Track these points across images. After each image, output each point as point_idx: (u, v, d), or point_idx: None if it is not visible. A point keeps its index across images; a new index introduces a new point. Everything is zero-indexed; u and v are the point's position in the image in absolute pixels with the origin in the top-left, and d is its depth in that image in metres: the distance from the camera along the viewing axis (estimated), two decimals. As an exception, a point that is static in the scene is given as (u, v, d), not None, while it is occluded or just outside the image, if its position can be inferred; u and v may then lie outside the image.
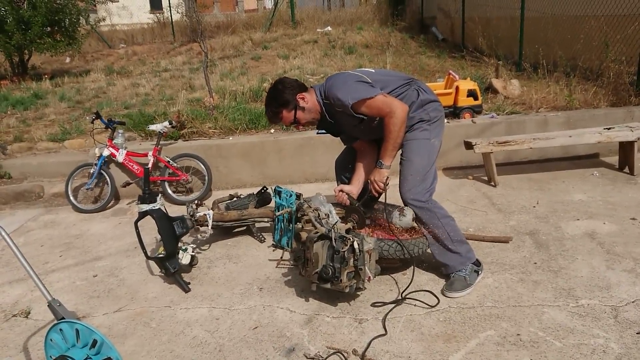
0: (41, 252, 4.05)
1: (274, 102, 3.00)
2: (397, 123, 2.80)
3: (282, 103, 2.97)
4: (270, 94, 3.03)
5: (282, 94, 2.96)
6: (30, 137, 6.23)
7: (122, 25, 18.15)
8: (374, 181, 2.98)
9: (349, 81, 2.88)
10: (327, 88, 2.92)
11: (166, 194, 4.94)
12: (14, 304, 3.24)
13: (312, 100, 3.00)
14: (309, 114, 3.03)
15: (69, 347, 2.20)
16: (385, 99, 2.81)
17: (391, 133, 2.83)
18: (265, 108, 3.08)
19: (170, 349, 2.63)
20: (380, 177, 2.97)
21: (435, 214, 2.95)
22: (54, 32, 10.91)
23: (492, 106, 5.72)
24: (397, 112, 2.78)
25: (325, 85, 2.96)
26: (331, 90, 2.88)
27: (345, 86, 2.85)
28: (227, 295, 3.12)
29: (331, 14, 14.93)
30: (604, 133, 4.56)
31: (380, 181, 2.96)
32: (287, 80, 3.04)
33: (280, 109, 2.98)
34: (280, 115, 3.01)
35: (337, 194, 3.17)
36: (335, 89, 2.86)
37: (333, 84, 2.90)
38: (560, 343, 2.41)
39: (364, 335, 2.61)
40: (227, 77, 8.28)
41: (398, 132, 2.83)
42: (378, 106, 2.81)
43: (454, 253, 2.97)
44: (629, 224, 3.65)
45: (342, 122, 3.03)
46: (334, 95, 2.86)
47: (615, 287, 2.85)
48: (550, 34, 7.30)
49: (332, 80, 2.95)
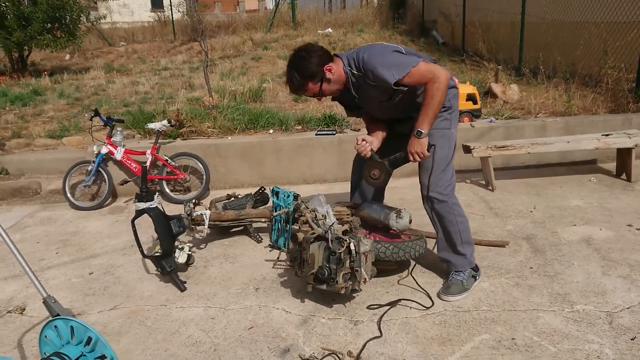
0: (37, 248, 4.05)
1: (299, 73, 2.75)
2: (440, 87, 2.61)
3: (308, 75, 2.74)
4: (295, 64, 2.76)
5: (308, 65, 2.72)
6: (29, 134, 6.21)
7: (122, 23, 18.13)
8: (416, 153, 2.76)
9: (386, 52, 2.69)
10: (362, 60, 2.69)
11: (164, 193, 4.93)
12: (9, 300, 3.23)
13: (338, 71, 2.78)
14: (333, 86, 2.83)
15: (63, 344, 2.20)
16: (427, 65, 2.63)
17: (433, 98, 2.63)
18: (288, 78, 2.82)
19: (165, 348, 2.63)
20: (421, 148, 2.74)
21: (453, 211, 2.91)
22: (54, 29, 10.89)
23: (491, 110, 5.74)
24: (441, 77, 2.61)
25: (358, 56, 2.73)
26: (369, 63, 2.67)
27: (385, 58, 2.66)
28: (223, 295, 3.12)
29: (332, 16, 14.96)
30: (601, 139, 4.57)
31: (422, 152, 2.75)
32: (313, 48, 2.78)
33: (306, 80, 2.76)
34: (305, 87, 2.79)
35: (359, 142, 2.96)
36: (374, 62, 2.66)
37: (370, 57, 2.68)
38: (555, 348, 2.42)
39: (359, 337, 2.61)
40: (227, 77, 8.28)
41: (441, 98, 2.65)
42: (421, 73, 2.61)
43: (461, 255, 2.98)
44: (625, 230, 3.66)
45: (368, 96, 2.84)
46: (371, 68, 2.66)
47: (610, 293, 2.85)
48: (550, 40, 7.32)
49: (367, 53, 2.71)
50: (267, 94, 7.10)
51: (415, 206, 4.30)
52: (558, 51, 6.77)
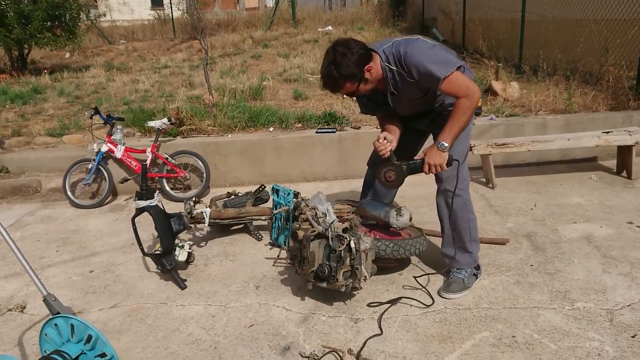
0: (38, 246, 4.05)
1: (338, 72, 2.57)
2: (471, 106, 2.57)
3: (347, 75, 2.58)
4: (334, 62, 2.57)
5: (348, 64, 2.55)
6: (29, 132, 6.21)
7: (122, 21, 18.12)
8: (435, 165, 2.68)
9: (428, 47, 2.59)
10: (404, 55, 2.56)
11: (164, 191, 4.93)
12: (10, 298, 3.24)
13: (377, 70, 2.64)
14: (369, 85, 2.69)
15: (63, 342, 2.20)
16: (465, 77, 2.57)
17: (464, 115, 2.58)
18: (326, 75, 2.65)
19: (166, 346, 2.63)
20: (441, 160, 2.67)
21: (466, 207, 2.91)
22: (54, 27, 10.88)
23: (492, 108, 5.73)
24: (476, 95, 2.55)
25: (398, 51, 2.60)
26: (413, 58, 2.54)
27: (430, 54, 2.56)
28: (223, 293, 3.12)
29: (332, 14, 14.94)
30: (602, 137, 4.56)
31: (442, 165, 2.68)
32: (353, 45, 2.58)
33: (345, 80, 2.61)
34: (342, 86, 2.65)
35: (380, 140, 2.82)
36: (419, 57, 2.54)
37: (413, 52, 2.55)
38: (556, 345, 2.42)
39: (359, 334, 2.61)
40: (227, 75, 8.28)
41: (470, 116, 2.62)
42: (459, 84, 2.54)
43: (467, 252, 2.98)
44: (626, 228, 3.66)
45: (404, 93, 2.73)
46: (416, 64, 2.54)
47: (611, 291, 2.85)
48: (550, 37, 7.31)
49: (408, 47, 2.57)
50: (267, 92, 7.09)
51: (415, 204, 4.31)
52: (558, 49, 6.76)
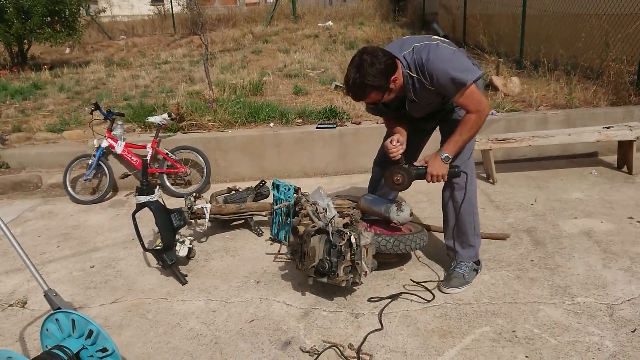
0: (38, 242, 4.05)
1: (365, 83, 2.52)
2: (479, 124, 2.59)
3: (375, 86, 2.54)
4: (361, 71, 2.51)
5: (376, 75, 2.50)
6: (29, 128, 6.20)
7: (122, 16, 18.07)
8: (436, 175, 2.70)
9: (448, 56, 2.55)
10: (425, 62, 2.53)
11: (164, 186, 4.93)
12: (11, 294, 3.24)
13: (400, 78, 2.61)
14: (392, 95, 2.66)
15: (64, 337, 2.21)
16: (480, 92, 2.57)
17: (471, 130, 2.60)
18: (352, 85, 2.57)
19: (167, 341, 2.64)
20: (444, 171, 2.69)
21: (471, 200, 2.91)
22: (54, 23, 10.85)
23: (492, 103, 5.71)
24: (486, 112, 2.58)
25: (417, 57, 2.56)
26: (432, 65, 2.52)
27: (454, 61, 2.53)
28: (224, 288, 3.13)
29: (332, 9, 14.89)
30: (603, 132, 4.56)
31: (443, 176, 2.71)
32: (381, 56, 2.52)
33: (371, 90, 2.56)
34: (368, 96, 2.60)
35: (393, 143, 2.77)
36: (440, 66, 2.51)
37: (433, 60, 2.52)
38: (556, 340, 2.42)
39: (360, 329, 2.61)
40: (227, 71, 8.26)
41: (475, 132, 2.64)
42: (474, 98, 2.53)
43: (470, 246, 2.99)
44: (626, 223, 3.66)
45: (423, 98, 2.71)
46: (437, 72, 2.51)
47: (611, 286, 2.86)
48: (551, 32, 7.28)
49: (429, 54, 2.53)
50: (267, 88, 7.07)
51: (415, 199, 4.32)
52: (559, 44, 6.74)
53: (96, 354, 2.16)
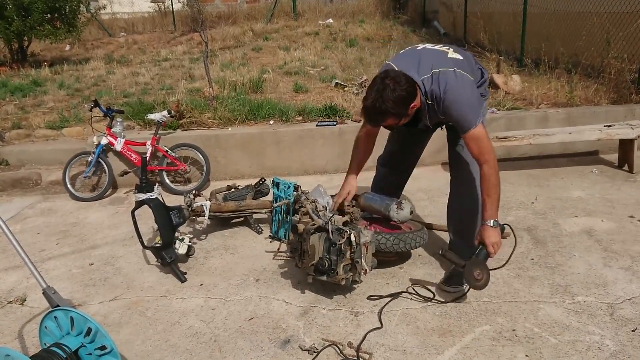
0: (37, 239, 4.04)
1: (384, 108, 2.51)
2: (496, 173, 2.60)
3: (394, 113, 2.54)
4: (382, 96, 2.49)
5: (397, 102, 2.50)
6: (29, 125, 6.19)
7: (122, 13, 18.01)
8: (494, 244, 2.59)
9: (466, 92, 2.58)
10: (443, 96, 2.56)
11: (164, 184, 4.92)
12: (10, 291, 3.24)
13: (418, 104, 2.62)
14: (407, 119, 2.66)
15: (63, 335, 2.20)
16: (486, 138, 2.58)
17: (494, 185, 2.60)
18: (371, 108, 2.55)
19: (166, 339, 2.63)
20: (499, 237, 2.61)
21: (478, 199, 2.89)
22: (54, 19, 10.82)
23: (493, 101, 5.70)
24: (492, 160, 2.58)
25: (436, 88, 2.58)
26: (448, 101, 2.56)
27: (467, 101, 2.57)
28: (223, 286, 3.12)
29: (333, 6, 14.84)
30: (604, 130, 4.55)
31: (500, 242, 2.62)
32: (403, 82, 2.51)
33: (389, 116, 2.56)
34: (385, 121, 2.61)
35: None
36: (458, 103, 2.55)
37: (451, 96, 2.55)
38: (556, 339, 2.41)
39: (359, 328, 2.61)
40: (227, 68, 8.24)
41: (499, 182, 2.62)
42: (482, 143, 2.56)
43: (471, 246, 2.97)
44: (627, 222, 3.65)
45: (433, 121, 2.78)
46: (452, 110, 2.57)
47: (611, 285, 2.85)
48: (552, 30, 7.26)
49: (447, 87, 2.55)
50: (267, 85, 7.06)
51: (416, 197, 4.31)
52: (560, 42, 6.72)
53: (95, 352, 2.16)
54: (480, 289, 2.56)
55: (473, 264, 2.57)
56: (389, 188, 3.39)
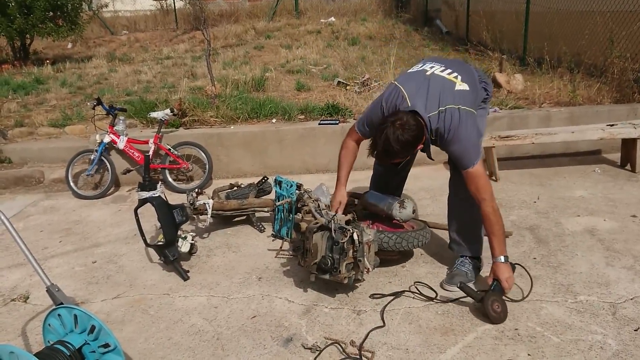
0: (40, 237, 4.05)
1: (393, 150, 2.61)
2: (495, 212, 2.66)
3: (402, 154, 2.68)
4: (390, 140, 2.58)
5: (405, 147, 2.61)
6: (31, 122, 6.20)
7: (124, 11, 18.01)
8: (507, 279, 2.65)
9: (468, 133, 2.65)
10: (447, 136, 2.65)
11: (166, 182, 4.93)
12: (13, 289, 3.25)
13: (422, 144, 2.72)
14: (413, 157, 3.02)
15: (67, 332, 2.21)
16: (484, 177, 2.68)
17: (496, 222, 2.67)
18: (379, 152, 2.67)
19: (168, 337, 2.64)
20: (511, 273, 2.69)
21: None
22: (56, 17, 10.84)
23: (495, 100, 5.70)
24: (489, 197, 2.66)
25: (441, 127, 2.65)
26: (453, 141, 2.65)
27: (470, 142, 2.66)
28: (226, 284, 3.13)
29: (335, 5, 14.83)
30: (606, 130, 4.54)
31: (512, 276, 2.69)
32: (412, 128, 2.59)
33: (397, 156, 2.70)
34: (392, 161, 2.76)
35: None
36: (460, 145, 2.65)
37: (455, 135, 2.63)
38: (558, 338, 2.42)
39: (362, 326, 2.61)
40: (230, 66, 8.24)
41: (500, 218, 2.70)
42: (480, 182, 2.66)
43: (477, 240, 3.01)
44: (630, 221, 3.64)
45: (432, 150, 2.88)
46: (454, 149, 2.67)
47: (614, 284, 2.85)
48: (555, 29, 7.25)
49: (451, 125, 2.62)
50: (269, 83, 7.06)
51: (418, 196, 4.31)
52: (563, 41, 6.71)
53: (98, 350, 2.16)
54: (499, 322, 2.56)
55: (490, 297, 2.59)
56: (387, 183, 3.43)
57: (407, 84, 2.76)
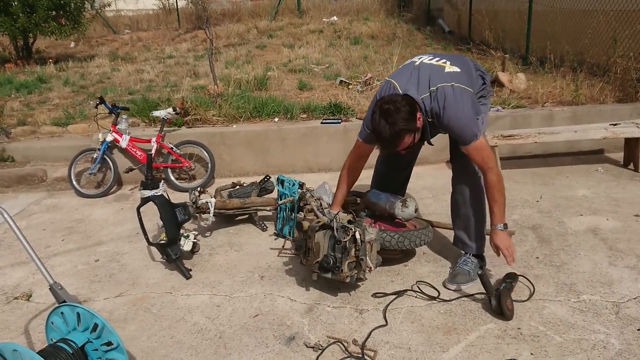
0: (43, 235, 4.06)
1: (396, 129, 2.55)
2: (499, 180, 2.67)
3: (407, 129, 2.58)
4: (389, 120, 2.55)
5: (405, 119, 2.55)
6: (34, 121, 6.22)
7: (127, 11, 18.03)
8: (507, 247, 2.68)
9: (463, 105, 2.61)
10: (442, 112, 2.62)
11: (169, 181, 4.93)
12: (16, 287, 3.25)
13: (421, 117, 2.66)
14: (418, 135, 2.72)
15: (69, 331, 2.21)
16: (488, 148, 2.67)
17: (500, 190, 2.68)
18: (386, 137, 2.60)
19: (171, 335, 2.64)
20: (510, 240, 2.72)
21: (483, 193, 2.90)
22: (59, 16, 10.86)
23: (498, 100, 5.69)
24: (494, 167, 2.65)
25: (435, 106, 2.64)
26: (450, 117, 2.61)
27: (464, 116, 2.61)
28: (228, 283, 3.13)
29: (337, 4, 14.83)
30: (609, 129, 4.53)
31: (511, 245, 2.70)
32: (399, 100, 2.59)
33: (405, 134, 2.60)
34: (402, 141, 2.63)
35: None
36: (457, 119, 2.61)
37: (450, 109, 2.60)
38: (561, 338, 2.41)
39: (364, 325, 2.61)
40: (232, 65, 8.25)
41: (503, 187, 2.69)
42: (483, 153, 2.64)
43: (481, 238, 3.01)
44: (633, 221, 3.63)
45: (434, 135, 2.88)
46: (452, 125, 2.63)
47: (617, 283, 2.84)
48: (557, 28, 7.24)
49: (445, 101, 2.60)
50: (272, 82, 7.06)
51: (420, 195, 4.30)
52: (566, 40, 6.69)
53: (101, 348, 2.17)
54: (510, 319, 2.57)
55: (504, 295, 2.58)
56: (389, 180, 3.41)
57: (398, 77, 2.80)
